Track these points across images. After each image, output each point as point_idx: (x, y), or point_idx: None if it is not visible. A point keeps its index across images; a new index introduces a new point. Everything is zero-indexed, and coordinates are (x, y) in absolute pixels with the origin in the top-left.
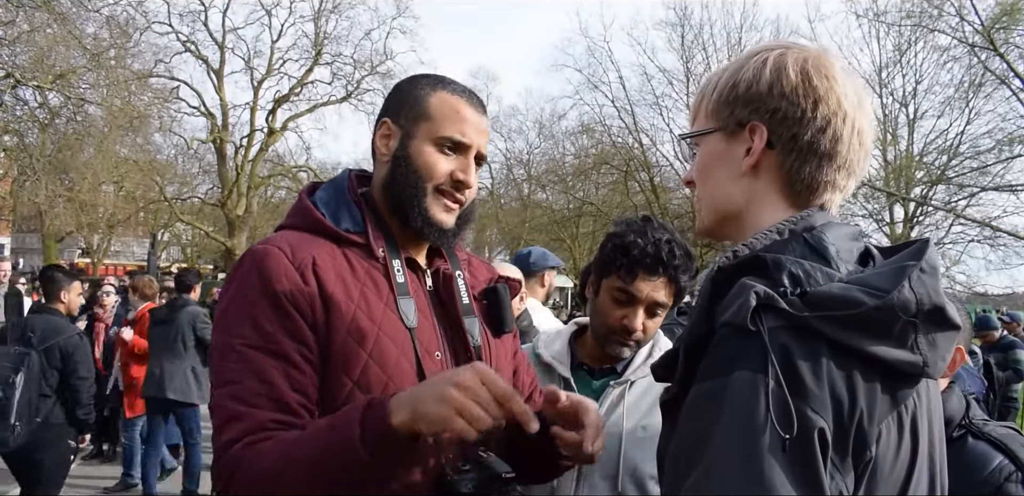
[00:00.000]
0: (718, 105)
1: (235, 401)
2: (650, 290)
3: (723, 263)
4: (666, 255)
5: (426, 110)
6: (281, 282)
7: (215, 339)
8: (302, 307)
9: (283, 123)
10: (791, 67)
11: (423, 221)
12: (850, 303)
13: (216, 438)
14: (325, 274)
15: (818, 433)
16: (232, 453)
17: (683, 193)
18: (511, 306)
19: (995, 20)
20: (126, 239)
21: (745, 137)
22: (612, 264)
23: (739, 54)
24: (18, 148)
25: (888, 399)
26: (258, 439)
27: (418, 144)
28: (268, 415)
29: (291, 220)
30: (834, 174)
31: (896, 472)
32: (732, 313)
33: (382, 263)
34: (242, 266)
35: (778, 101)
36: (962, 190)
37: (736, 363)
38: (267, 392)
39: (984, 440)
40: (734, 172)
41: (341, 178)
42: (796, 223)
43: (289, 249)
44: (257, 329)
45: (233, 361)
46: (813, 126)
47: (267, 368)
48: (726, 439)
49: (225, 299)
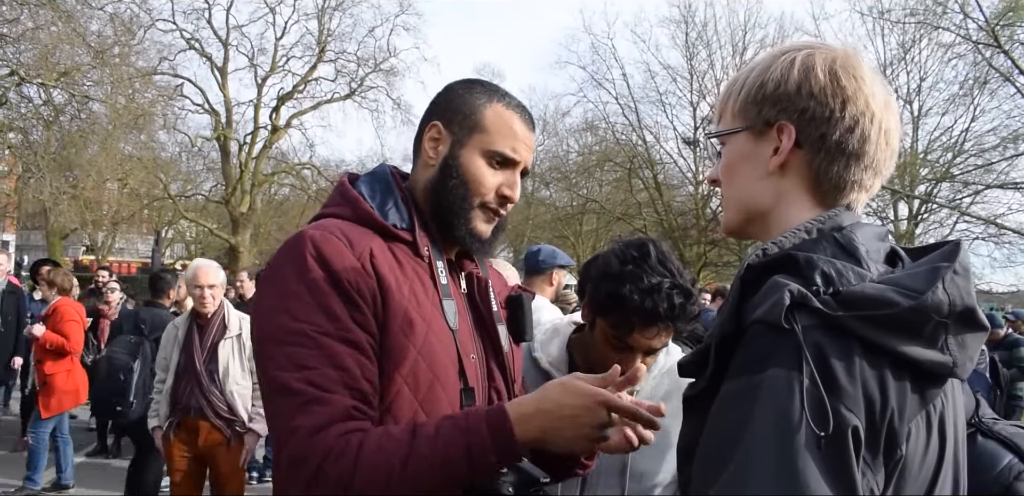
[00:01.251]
0: (745, 104)
1: (313, 386)
2: (647, 341)
3: (753, 261)
4: (664, 310)
5: (481, 122)
6: (347, 271)
7: (275, 323)
8: (366, 298)
9: (287, 120)
10: (819, 67)
11: (466, 232)
12: (884, 303)
13: (287, 422)
14: (381, 267)
15: (852, 431)
16: (324, 441)
17: (687, 190)
18: (532, 316)
19: (999, 17)
20: (130, 236)
21: (773, 136)
22: (606, 312)
23: (764, 53)
24: (22, 145)
25: (917, 398)
26: (349, 429)
27: (468, 154)
28: (349, 402)
29: (337, 209)
30: (861, 173)
31: (924, 471)
32: (765, 311)
33: (427, 262)
34: (296, 249)
35: (806, 101)
36: (967, 187)
37: (770, 361)
38: (344, 379)
39: (994, 439)
40: (761, 171)
41: (383, 172)
42: (824, 222)
43: (346, 239)
44: (329, 316)
45: (305, 346)
46: (841, 126)
47: (342, 355)
48: (760, 436)
49: (283, 282)
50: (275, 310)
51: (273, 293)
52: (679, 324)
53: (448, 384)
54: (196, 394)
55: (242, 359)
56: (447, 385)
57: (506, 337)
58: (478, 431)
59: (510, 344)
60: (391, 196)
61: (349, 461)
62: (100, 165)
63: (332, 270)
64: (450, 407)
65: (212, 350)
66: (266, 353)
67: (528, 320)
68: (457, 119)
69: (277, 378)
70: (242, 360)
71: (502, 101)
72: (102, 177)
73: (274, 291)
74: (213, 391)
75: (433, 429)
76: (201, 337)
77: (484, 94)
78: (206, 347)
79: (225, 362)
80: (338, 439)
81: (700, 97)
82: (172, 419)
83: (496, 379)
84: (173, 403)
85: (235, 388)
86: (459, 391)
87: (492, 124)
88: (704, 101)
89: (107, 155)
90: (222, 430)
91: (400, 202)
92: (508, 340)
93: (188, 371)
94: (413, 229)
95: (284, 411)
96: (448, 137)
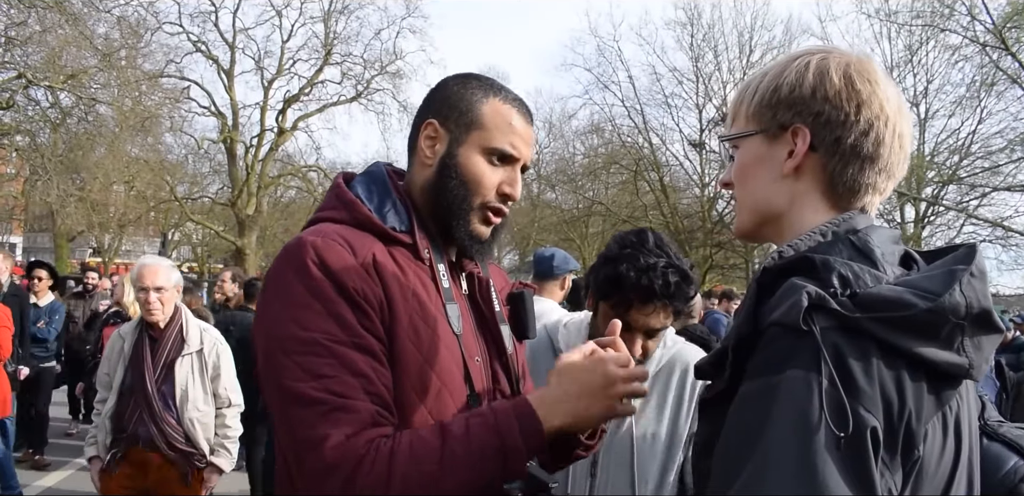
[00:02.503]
0: (760, 108)
1: (334, 394)
2: (645, 319)
3: (769, 264)
4: (660, 287)
5: (479, 118)
6: (352, 278)
7: (282, 333)
8: (373, 304)
9: (293, 123)
10: (834, 71)
11: (466, 234)
12: (902, 305)
13: (310, 432)
14: (385, 273)
15: (871, 432)
16: (355, 449)
17: (692, 193)
18: (534, 312)
19: (1007, 19)
20: (137, 239)
21: (787, 140)
22: (606, 293)
23: (779, 57)
24: (30, 148)
25: (934, 399)
26: (378, 435)
27: (467, 152)
28: (372, 407)
29: (334, 213)
30: (875, 176)
31: (940, 472)
32: (783, 313)
33: (428, 265)
34: (298, 257)
35: (821, 104)
36: (973, 190)
37: (788, 362)
38: (364, 386)
39: (999, 441)
40: (775, 174)
41: (379, 172)
42: (839, 225)
43: (347, 244)
44: (341, 324)
45: (320, 355)
46: (856, 129)
47: (358, 362)
48: (779, 437)
49: (286, 290)
50: (282, 320)
51: (278, 302)
52: (676, 303)
53: (455, 390)
54: (145, 420)
55: (203, 380)
56: (454, 391)
57: (509, 337)
58: (509, 429)
59: (514, 344)
60: (388, 197)
61: (382, 468)
62: (107, 167)
63: (337, 277)
64: (458, 413)
65: (167, 368)
66: (276, 364)
67: (531, 317)
68: (454, 116)
69: (292, 389)
70: (203, 381)
71: (499, 96)
72: (109, 179)
73: (279, 300)
74: (167, 418)
75: (463, 430)
76: (153, 352)
77: (480, 89)
78: (159, 364)
79: (183, 384)
80: (368, 446)
81: (706, 99)
82: (115, 450)
83: (500, 381)
84: (116, 430)
85: (195, 415)
86: (466, 396)
87: (490, 120)
88: (710, 103)
89: (114, 157)
90: (176, 464)
91: (398, 203)
92: (512, 340)
93: (136, 392)
94: (413, 231)
95: (305, 421)
96: (445, 135)
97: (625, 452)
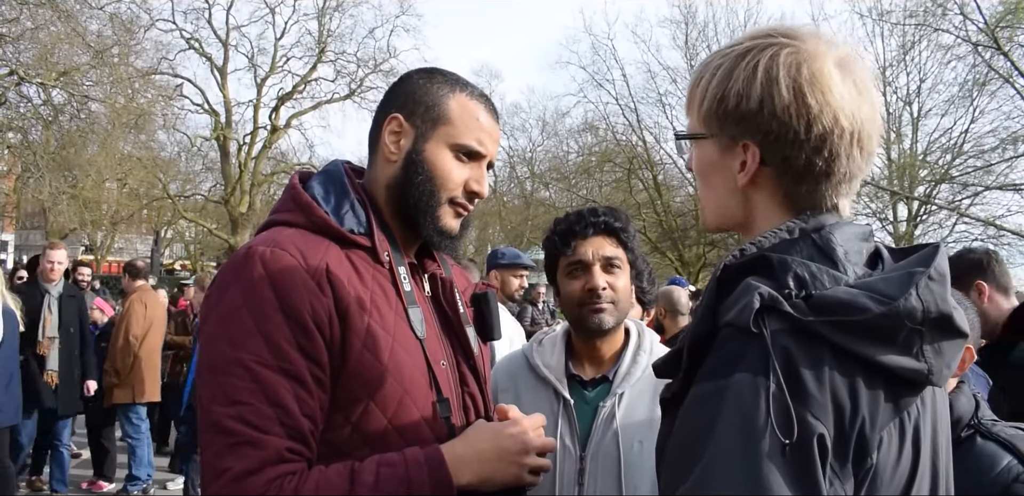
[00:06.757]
0: (709, 114)
1: (245, 424)
2: (594, 248)
3: (729, 261)
4: (587, 213)
5: (446, 113)
6: (299, 293)
7: (213, 349)
8: (321, 322)
9: (286, 121)
10: (783, 79)
11: (434, 230)
12: (856, 309)
13: (216, 461)
14: (338, 282)
15: (818, 439)
16: (254, 487)
17: (686, 191)
18: (499, 313)
19: (999, 19)
20: (129, 236)
21: (739, 152)
22: (553, 248)
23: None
24: (22, 145)
25: (891, 406)
26: (281, 473)
27: (434, 148)
28: (283, 443)
29: (289, 216)
30: (834, 189)
31: (896, 479)
32: (735, 314)
33: (388, 268)
34: (244, 269)
35: (769, 122)
36: (966, 189)
37: (737, 365)
38: (280, 417)
39: (993, 440)
40: (731, 184)
41: (336, 171)
42: (807, 221)
43: (300, 254)
44: (271, 346)
45: (241, 378)
46: (807, 147)
47: (280, 390)
48: (725, 441)
49: (226, 305)
50: (215, 335)
51: (215, 314)
52: (615, 226)
53: (419, 396)
54: None
55: None
56: (417, 398)
57: (475, 339)
58: (419, 482)
59: (479, 345)
60: (347, 198)
61: None
62: (99, 165)
63: (282, 292)
64: (422, 420)
65: None
66: (203, 381)
67: (495, 318)
68: (419, 111)
69: (209, 412)
70: None
71: (465, 91)
72: (101, 177)
73: (216, 312)
74: None
75: (372, 477)
76: None
77: (447, 84)
78: None
79: None
80: (269, 485)
81: None
82: None
83: (469, 383)
84: None
85: None
86: (432, 403)
87: (457, 116)
88: None
89: (106, 155)
90: None
91: (356, 204)
92: (477, 341)
93: None
94: (371, 233)
95: (212, 448)
96: (411, 130)
97: (612, 460)
